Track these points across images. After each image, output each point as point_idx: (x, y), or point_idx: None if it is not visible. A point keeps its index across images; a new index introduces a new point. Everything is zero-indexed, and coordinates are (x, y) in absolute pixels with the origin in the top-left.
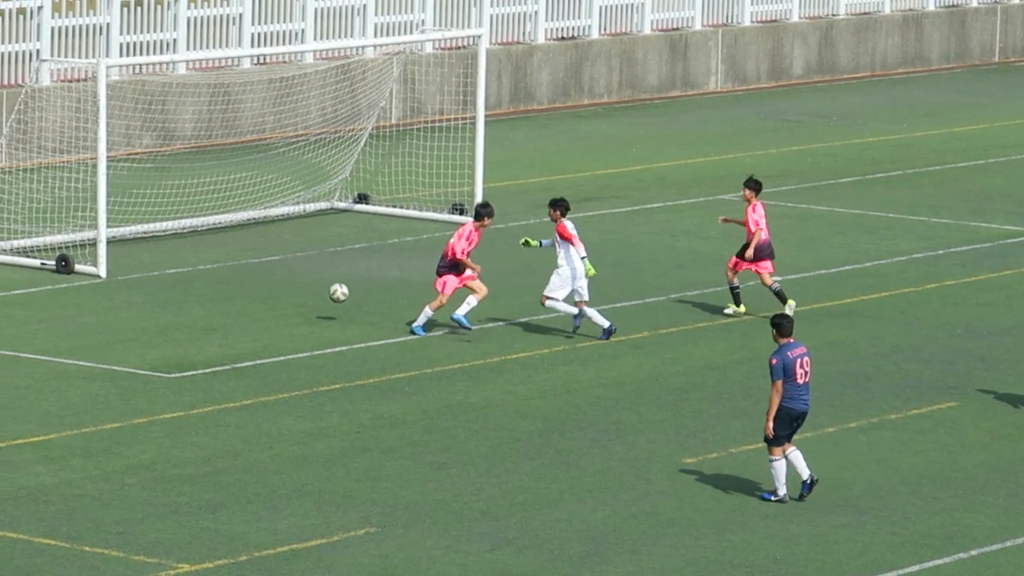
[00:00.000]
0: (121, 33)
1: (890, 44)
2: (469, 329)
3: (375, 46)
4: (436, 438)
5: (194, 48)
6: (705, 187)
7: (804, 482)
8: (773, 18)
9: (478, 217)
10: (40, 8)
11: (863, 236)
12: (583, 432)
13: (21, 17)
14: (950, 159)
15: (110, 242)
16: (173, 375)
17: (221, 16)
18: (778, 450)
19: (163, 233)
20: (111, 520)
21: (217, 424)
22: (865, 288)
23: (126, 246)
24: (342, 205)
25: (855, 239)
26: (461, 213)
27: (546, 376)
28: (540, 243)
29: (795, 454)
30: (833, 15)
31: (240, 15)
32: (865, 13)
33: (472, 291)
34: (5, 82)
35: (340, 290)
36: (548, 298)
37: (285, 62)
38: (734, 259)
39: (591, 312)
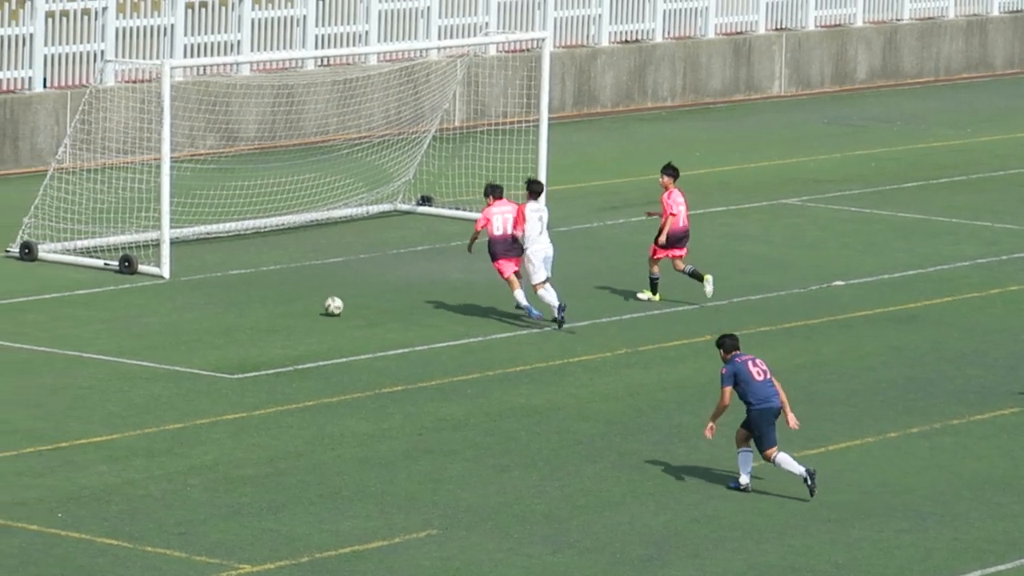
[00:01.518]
0: (185, 34)
1: (954, 49)
2: (540, 316)
3: (439, 48)
4: (498, 440)
5: (258, 49)
6: (768, 191)
7: (805, 479)
8: (837, 22)
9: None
10: (105, 9)
11: (926, 241)
12: (645, 435)
13: (86, 18)
14: (1014, 164)
15: (173, 243)
16: (236, 376)
17: (285, 18)
18: (773, 450)
19: (226, 234)
20: (173, 520)
21: (279, 425)
22: (928, 293)
23: (189, 247)
24: (405, 207)
25: (918, 244)
26: None
27: (608, 379)
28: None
29: (782, 456)
30: (897, 20)
31: (304, 17)
32: (929, 18)
33: (511, 284)
34: (70, 82)
35: (333, 303)
36: (541, 286)
37: (349, 64)
38: (653, 247)
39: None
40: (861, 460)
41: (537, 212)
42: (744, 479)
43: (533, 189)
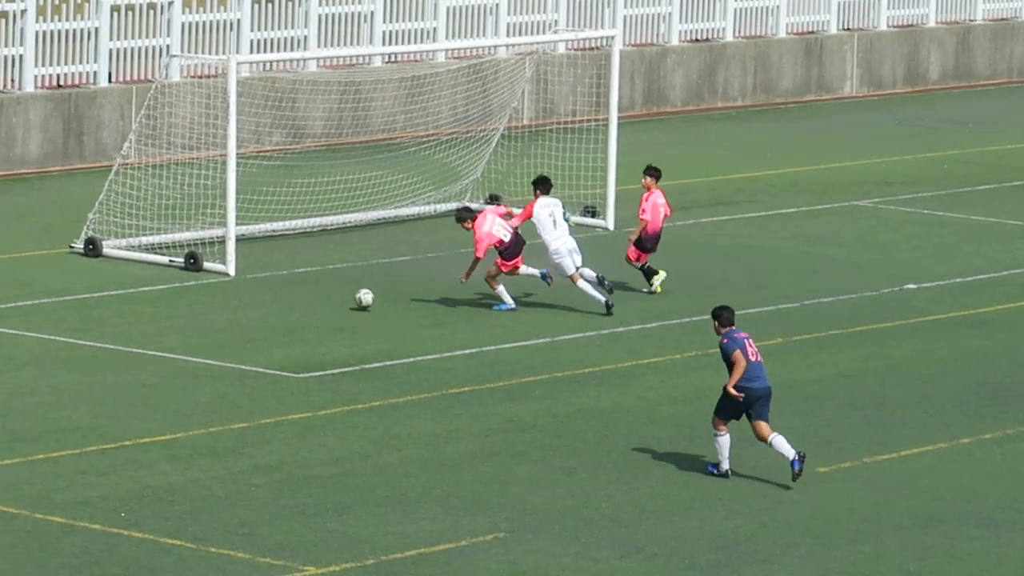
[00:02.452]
0: (252, 29)
1: None
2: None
3: (507, 46)
4: (566, 443)
5: (325, 46)
6: (839, 193)
7: (793, 461)
8: (910, 23)
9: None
10: (171, 4)
11: (998, 244)
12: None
13: (152, 12)
14: None
15: (239, 240)
16: (301, 375)
17: (352, 14)
18: (724, 426)
19: (292, 231)
20: (237, 521)
21: (345, 425)
22: (1000, 297)
23: (255, 244)
24: (473, 206)
25: (990, 247)
26: (593, 216)
27: (678, 381)
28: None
29: (778, 439)
30: (970, 20)
31: (372, 13)
32: (1003, 19)
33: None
34: (135, 77)
35: (364, 296)
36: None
37: (416, 61)
38: (636, 251)
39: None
40: (933, 466)
41: (547, 208)
42: (725, 465)
43: (542, 186)
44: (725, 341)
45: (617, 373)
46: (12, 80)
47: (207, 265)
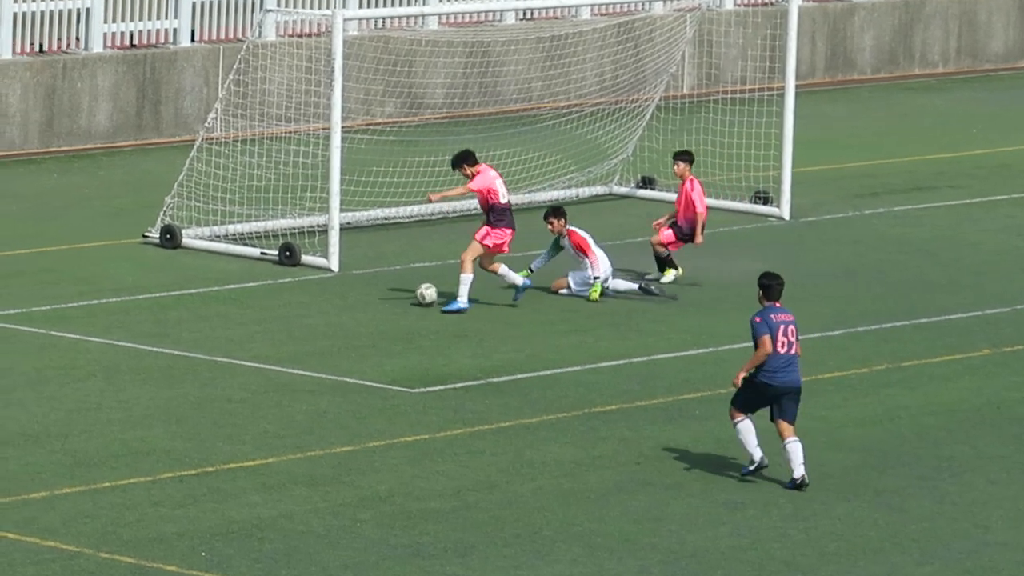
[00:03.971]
0: None
1: None
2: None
3: (665, 1)
4: (732, 473)
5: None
6: None
7: (789, 482)
8: None
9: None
10: None
11: None
12: (908, 469)
13: None
14: None
15: (344, 229)
16: (417, 390)
17: None
18: (740, 413)
19: (407, 220)
20: (339, 563)
21: (469, 450)
22: None
23: (363, 234)
24: (622, 190)
25: None
26: (765, 203)
27: (864, 400)
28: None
29: (794, 445)
30: None
31: None
32: None
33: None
34: (222, 35)
35: (427, 292)
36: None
37: (556, 18)
38: (671, 234)
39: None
40: None
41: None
42: (755, 455)
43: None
44: (757, 320)
45: None
46: (77, 38)
47: (305, 259)
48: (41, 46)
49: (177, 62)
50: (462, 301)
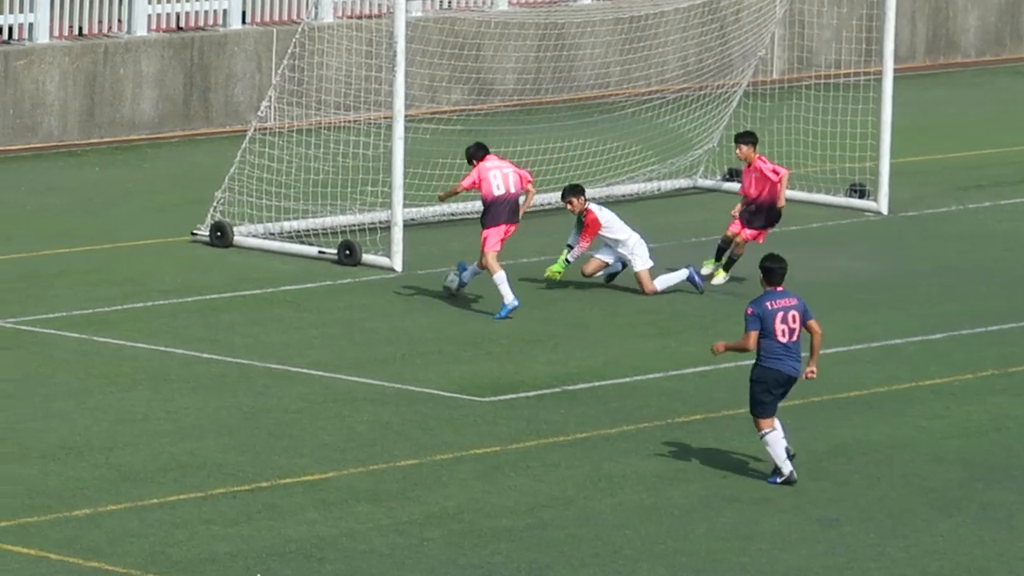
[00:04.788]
0: None
1: None
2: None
3: None
4: (825, 487)
5: None
6: None
7: (771, 477)
8: None
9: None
10: None
11: None
12: (1016, 482)
13: None
14: None
15: (407, 226)
16: (486, 399)
17: None
18: (767, 422)
19: (475, 215)
20: None
21: (543, 463)
22: None
23: (428, 231)
24: (708, 183)
25: None
26: (862, 196)
27: (969, 408)
28: (567, 260)
29: (774, 436)
30: None
31: None
32: None
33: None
34: (276, 17)
35: (451, 278)
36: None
37: None
38: (743, 227)
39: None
40: None
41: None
42: (785, 468)
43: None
44: (749, 311)
45: (891, 397)
46: (120, 20)
47: (366, 258)
48: (81, 29)
49: (227, 46)
50: (509, 301)
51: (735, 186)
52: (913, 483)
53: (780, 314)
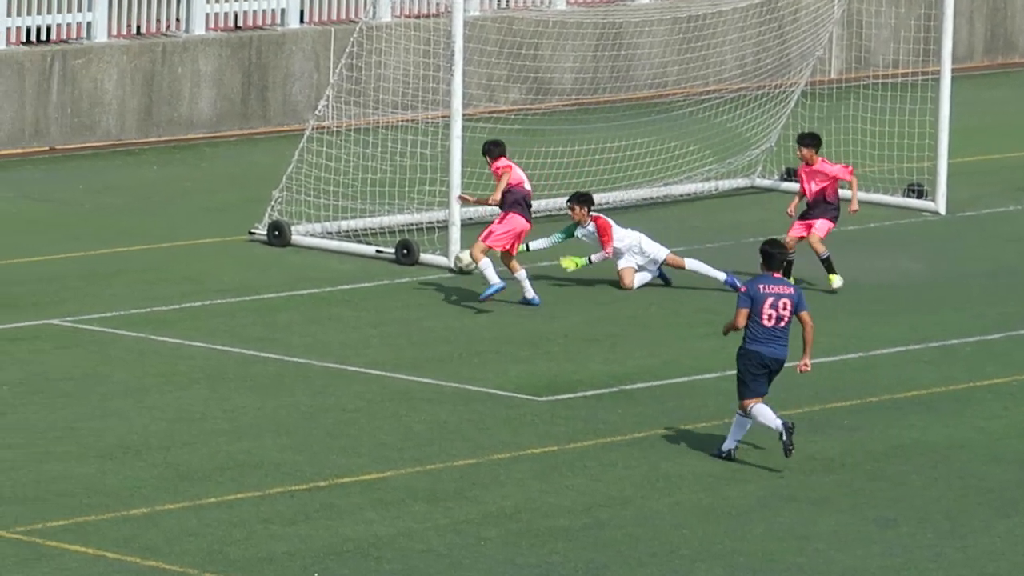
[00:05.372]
0: None
1: None
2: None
3: None
4: (883, 487)
5: None
6: None
7: (780, 434)
8: None
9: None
10: None
11: None
12: None
13: None
14: None
15: (465, 225)
16: (544, 398)
17: None
18: (750, 402)
19: (534, 214)
20: None
21: (601, 463)
22: None
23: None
24: (765, 183)
25: None
26: (920, 196)
27: None
28: (589, 259)
29: (759, 408)
30: None
31: None
32: None
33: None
34: (334, 16)
35: (463, 256)
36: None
37: None
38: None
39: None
40: None
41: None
42: (775, 424)
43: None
44: (742, 290)
45: (949, 397)
46: (178, 19)
47: (424, 257)
48: (139, 28)
49: (285, 45)
50: (495, 282)
51: (793, 185)
52: (971, 484)
53: (771, 299)
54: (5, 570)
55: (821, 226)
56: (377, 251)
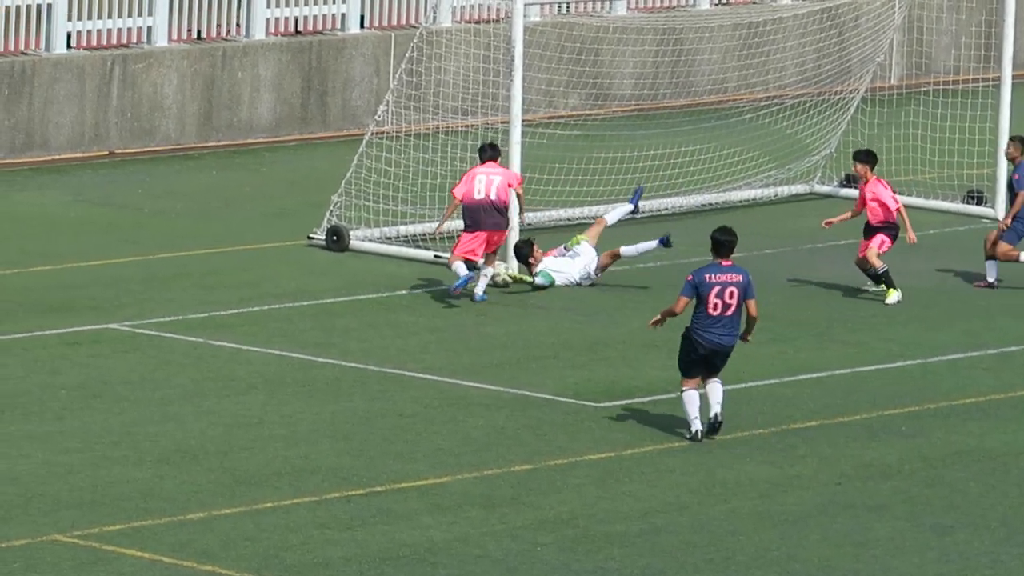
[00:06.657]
0: None
1: None
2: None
3: None
4: (941, 493)
5: None
6: None
7: (709, 420)
8: None
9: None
10: None
11: None
12: None
13: None
14: None
15: (523, 230)
16: (602, 404)
17: None
18: (687, 382)
19: (591, 219)
20: None
21: (657, 469)
22: None
23: (544, 235)
24: (825, 189)
25: None
26: (979, 202)
27: None
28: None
29: (714, 385)
30: None
31: None
32: None
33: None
34: (394, 21)
35: (504, 271)
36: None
37: (755, 2)
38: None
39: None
40: None
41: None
42: (694, 426)
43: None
44: (689, 278)
45: (1008, 404)
46: (238, 24)
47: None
48: (199, 32)
49: (345, 50)
50: (462, 273)
51: (852, 192)
52: None
53: (717, 288)
54: (62, 574)
55: (877, 241)
56: (435, 256)
